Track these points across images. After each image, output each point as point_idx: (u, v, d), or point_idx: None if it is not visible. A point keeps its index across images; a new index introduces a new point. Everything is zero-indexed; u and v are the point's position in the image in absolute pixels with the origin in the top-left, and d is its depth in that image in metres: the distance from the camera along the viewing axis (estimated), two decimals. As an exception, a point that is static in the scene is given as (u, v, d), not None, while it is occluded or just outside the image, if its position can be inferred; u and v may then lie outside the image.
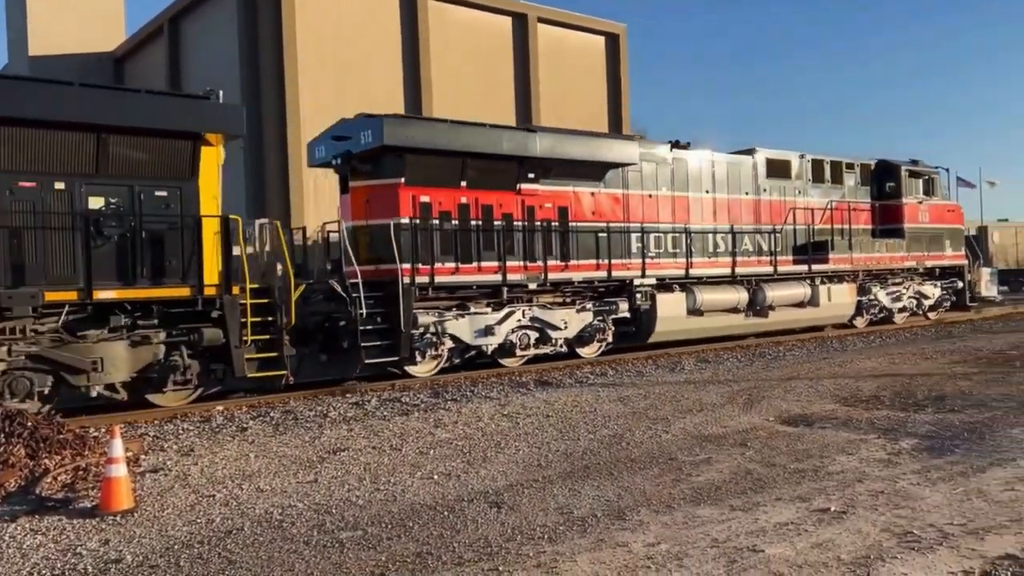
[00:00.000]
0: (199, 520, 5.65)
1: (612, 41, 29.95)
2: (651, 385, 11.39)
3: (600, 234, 14.65)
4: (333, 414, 9.60)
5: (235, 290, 10.43)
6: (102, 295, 9.65)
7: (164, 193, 10.25)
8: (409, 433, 8.37)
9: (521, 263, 13.73)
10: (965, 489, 5.72)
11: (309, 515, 5.70)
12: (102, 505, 5.84)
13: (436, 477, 6.63)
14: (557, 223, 14.32)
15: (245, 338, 10.47)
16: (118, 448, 5.90)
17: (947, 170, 22.40)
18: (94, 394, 9.76)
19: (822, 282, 18.38)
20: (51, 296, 9.37)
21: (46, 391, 9.50)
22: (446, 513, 5.63)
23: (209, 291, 10.27)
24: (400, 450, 7.63)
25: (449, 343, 12.95)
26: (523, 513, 5.57)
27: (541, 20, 27.56)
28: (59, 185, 9.57)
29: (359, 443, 7.96)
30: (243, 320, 10.45)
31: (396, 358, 12.09)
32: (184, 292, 10.17)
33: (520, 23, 27.13)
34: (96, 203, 9.80)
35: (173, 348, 10.24)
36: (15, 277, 9.21)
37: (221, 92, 11.53)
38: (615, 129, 28.02)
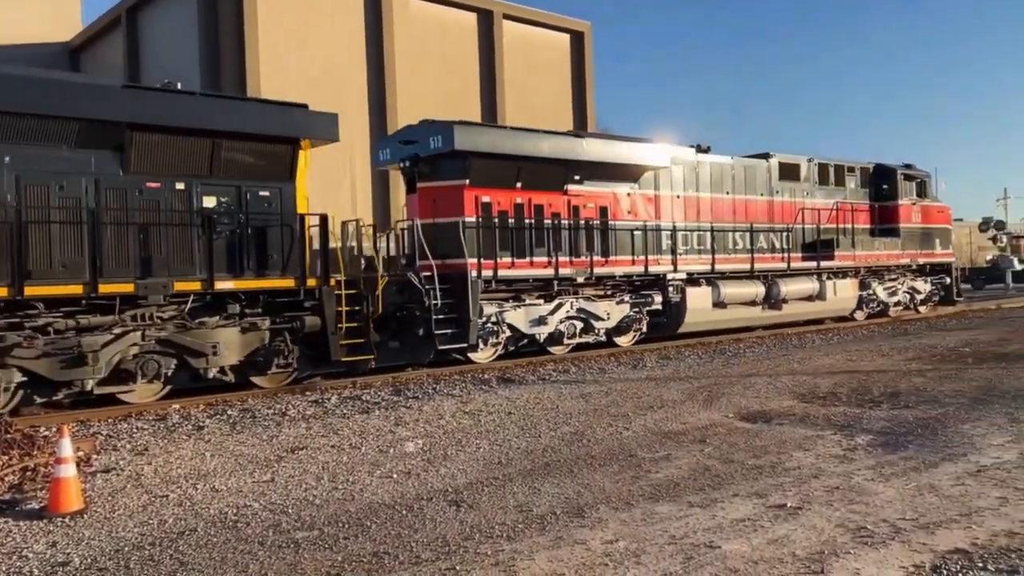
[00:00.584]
0: (151, 521, 5.53)
1: (577, 39, 30.03)
2: (613, 382, 11.43)
3: (636, 232, 15.88)
4: (292, 412, 9.48)
5: (332, 282, 11.64)
6: (221, 285, 10.77)
7: (267, 193, 11.37)
8: (369, 431, 8.30)
9: (567, 258, 14.89)
10: (917, 484, 5.81)
11: (265, 515, 5.62)
12: (50, 506, 5.70)
13: (395, 476, 6.58)
14: (598, 222, 15.49)
15: (340, 325, 11.61)
16: (67, 448, 5.75)
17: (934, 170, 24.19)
18: (211, 375, 10.77)
19: (828, 278, 19.71)
20: (179, 286, 10.46)
21: (170, 373, 10.51)
22: (404, 512, 5.59)
23: (311, 282, 11.52)
24: (359, 448, 7.56)
25: (507, 332, 14.06)
26: (482, 511, 5.54)
27: (507, 17, 27.55)
28: (179, 186, 10.62)
29: (318, 442, 7.87)
30: (337, 309, 11.56)
31: (465, 344, 13.14)
32: (289, 283, 11.41)
33: (486, 19, 27.08)
34: (210, 202, 10.88)
35: (277, 334, 11.30)
36: (143, 269, 10.25)
37: (179, 84, 11.35)
38: (579, 126, 28.08)
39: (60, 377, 9.63)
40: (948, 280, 23.95)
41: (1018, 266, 38.27)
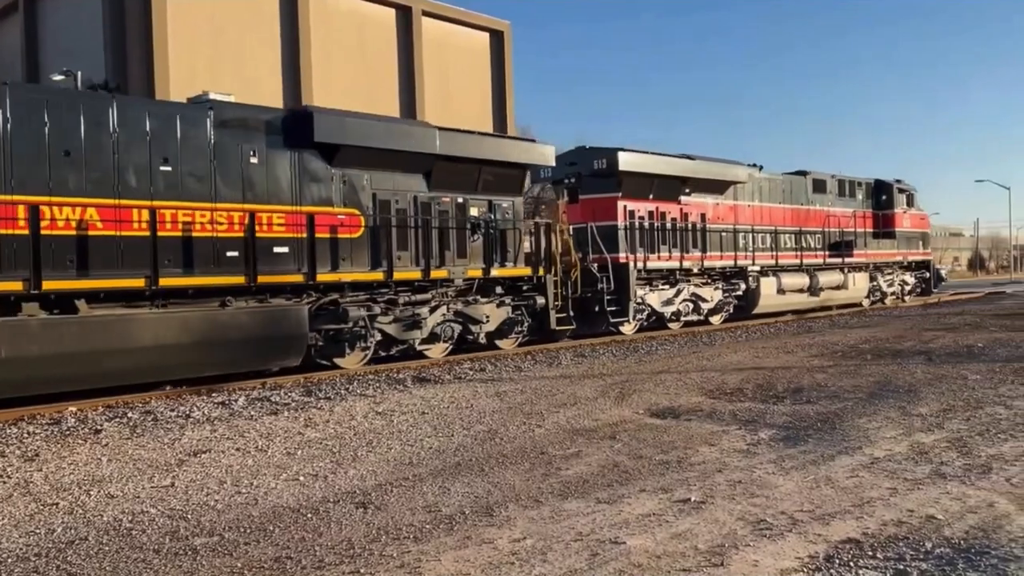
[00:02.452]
0: (38, 531, 5.25)
1: (497, 38, 30.07)
2: (528, 380, 11.48)
3: (724, 233, 20.43)
4: (197, 414, 9.17)
5: (553, 271, 15.98)
6: (494, 272, 14.94)
7: (506, 205, 15.42)
8: (277, 433, 8.10)
9: (683, 254, 19.16)
10: (815, 477, 6.02)
11: (162, 521, 5.41)
12: (-74, 518, 5.35)
13: (302, 478, 6.43)
14: (700, 225, 19.76)
15: (557, 303, 15.88)
16: (-55, 455, 5.41)
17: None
18: (481, 340, 14.89)
19: (849, 271, 24.76)
20: (470, 273, 14.56)
21: (455, 336, 14.54)
22: (310, 515, 5.46)
23: (540, 271, 15.73)
24: (266, 451, 7.37)
25: (648, 310, 18.37)
26: (390, 513, 5.47)
27: (426, 14, 27.37)
28: (459, 200, 14.58)
29: (222, 445, 7.63)
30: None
31: (626, 319, 17.52)
32: (527, 271, 15.66)
33: (404, 16, 26.85)
34: (474, 212, 14.82)
35: (516, 309, 15.45)
36: (443, 261, 14.22)
37: (80, 73, 10.86)
38: (499, 126, 28.14)
39: (402, 337, 13.62)
40: (927, 274, 29.57)
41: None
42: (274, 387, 11.25)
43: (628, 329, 17.82)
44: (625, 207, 17.98)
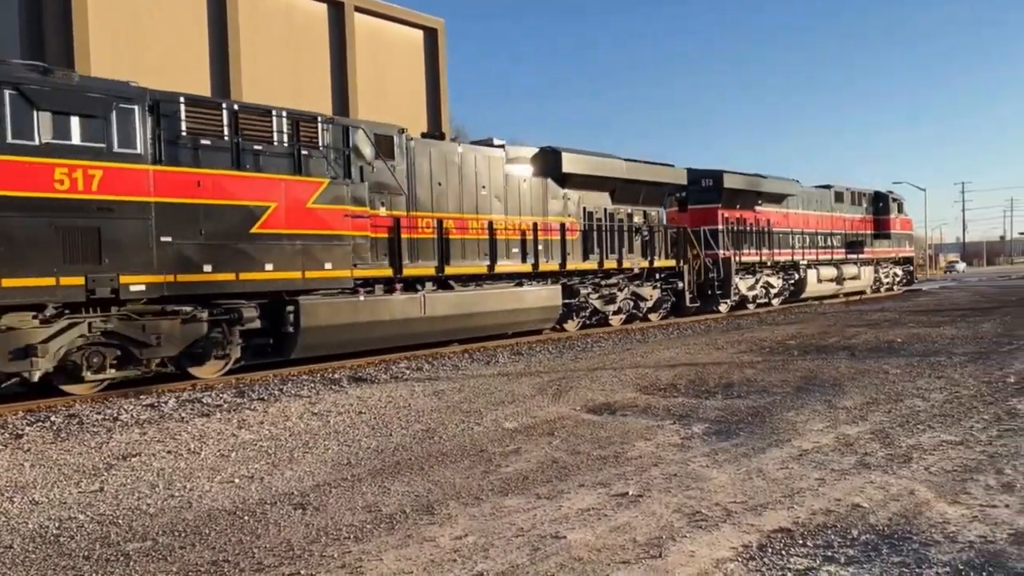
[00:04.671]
0: (-42, 540, 5.03)
1: (430, 35, 29.89)
2: (466, 378, 11.48)
3: (782, 235, 26.85)
4: (125, 417, 8.90)
5: (688, 262, 22.15)
6: (657, 263, 20.83)
7: (654, 213, 21.16)
8: (209, 435, 7.92)
9: (757, 251, 25.31)
10: (747, 469, 6.19)
11: (91, 527, 5.24)
12: None
13: (237, 480, 6.31)
14: (768, 228, 25.97)
15: (692, 288, 22.14)
16: None
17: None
18: (644, 313, 20.67)
19: (860, 265, 31.66)
20: (641, 264, 20.34)
21: (630, 310, 20.40)
22: (247, 518, 5.37)
23: (682, 264, 21.79)
24: (199, 453, 7.20)
25: (738, 293, 24.24)
26: (329, 513, 5.42)
27: (358, 9, 27.00)
28: (628, 210, 20.18)
29: (153, 447, 7.43)
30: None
31: (730, 300, 23.77)
32: (672, 263, 21.63)
33: (336, 11, 26.44)
34: (637, 219, 20.47)
35: (663, 291, 21.33)
36: (623, 254, 19.71)
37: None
38: (433, 124, 28.01)
39: (603, 309, 19.22)
40: (911, 268, 38.09)
41: None
42: (205, 388, 10.99)
43: (724, 308, 23.94)
44: (723, 215, 23.72)
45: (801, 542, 4.56)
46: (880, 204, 33.95)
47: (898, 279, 36.17)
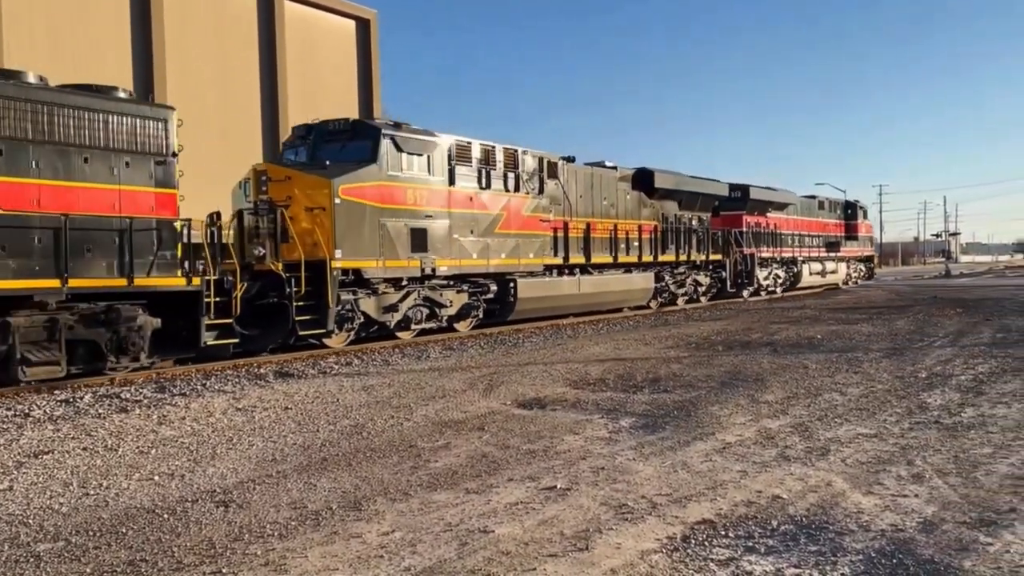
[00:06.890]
0: None
1: (363, 26, 29.50)
2: (396, 373, 11.39)
3: (785, 235, 32.52)
4: (37, 413, 8.55)
5: (729, 256, 28.08)
6: (711, 257, 26.66)
7: (704, 217, 26.43)
8: (128, 432, 7.67)
9: (770, 248, 30.94)
10: (672, 462, 6.31)
11: (0, 528, 5.02)
12: None
13: (157, 478, 6.13)
14: (776, 231, 31.59)
15: (731, 278, 28.14)
16: None
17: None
18: (684, 295, 25.90)
19: (837, 262, 37.73)
20: (699, 257, 25.91)
21: (693, 293, 26.52)
22: (166, 516, 5.22)
23: (727, 257, 27.54)
24: (116, 450, 6.96)
25: (760, 281, 29.87)
26: (253, 511, 5.30)
27: (288, -2, 26.45)
28: (689, 215, 25.42)
29: (67, 444, 7.15)
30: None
31: (754, 287, 29.32)
32: (719, 257, 27.10)
33: (266, 1, 25.86)
34: (695, 223, 25.67)
35: (711, 278, 27.22)
36: (690, 249, 25.47)
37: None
38: (365, 115, 27.66)
39: (677, 292, 25.09)
40: (872, 265, 45.82)
41: None
42: (124, 383, 10.64)
43: (746, 294, 29.18)
44: (746, 219, 29.12)
45: (723, 533, 4.67)
46: (849, 211, 40.71)
47: (862, 274, 42.92)
